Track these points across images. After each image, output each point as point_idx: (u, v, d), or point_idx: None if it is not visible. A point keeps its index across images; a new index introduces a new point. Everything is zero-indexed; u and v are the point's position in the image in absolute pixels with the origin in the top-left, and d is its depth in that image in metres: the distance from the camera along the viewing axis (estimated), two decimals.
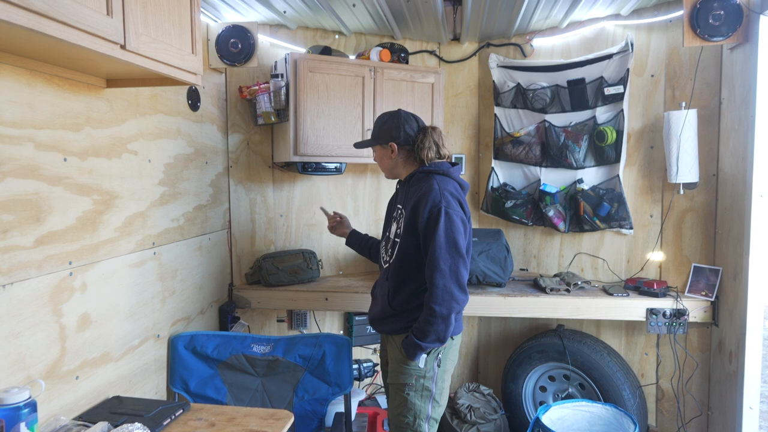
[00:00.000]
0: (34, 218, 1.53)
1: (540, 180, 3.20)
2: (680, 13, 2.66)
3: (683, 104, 2.75)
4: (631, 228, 2.99)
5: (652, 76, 2.94)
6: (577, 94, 3.07)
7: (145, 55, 1.51)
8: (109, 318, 1.89)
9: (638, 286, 2.84)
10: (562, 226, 3.12)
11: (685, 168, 2.72)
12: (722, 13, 2.42)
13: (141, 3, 1.48)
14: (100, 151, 1.83)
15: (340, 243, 2.97)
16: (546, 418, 2.63)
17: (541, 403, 3.15)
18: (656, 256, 2.98)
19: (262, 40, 3.01)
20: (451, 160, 2.16)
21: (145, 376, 2.14)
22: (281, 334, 2.99)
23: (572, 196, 3.07)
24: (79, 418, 1.68)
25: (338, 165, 2.92)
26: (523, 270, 3.42)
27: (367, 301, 2.45)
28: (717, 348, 2.74)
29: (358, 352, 3.38)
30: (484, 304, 2.83)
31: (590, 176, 3.07)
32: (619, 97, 2.92)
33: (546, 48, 3.27)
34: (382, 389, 3.37)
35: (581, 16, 3.01)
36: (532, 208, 3.23)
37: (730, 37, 2.44)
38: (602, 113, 3.00)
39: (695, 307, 2.71)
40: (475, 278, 2.87)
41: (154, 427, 1.65)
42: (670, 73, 2.89)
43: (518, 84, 3.25)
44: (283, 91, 2.77)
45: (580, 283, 2.94)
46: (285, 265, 2.98)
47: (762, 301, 2.40)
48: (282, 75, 2.78)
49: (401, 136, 2.12)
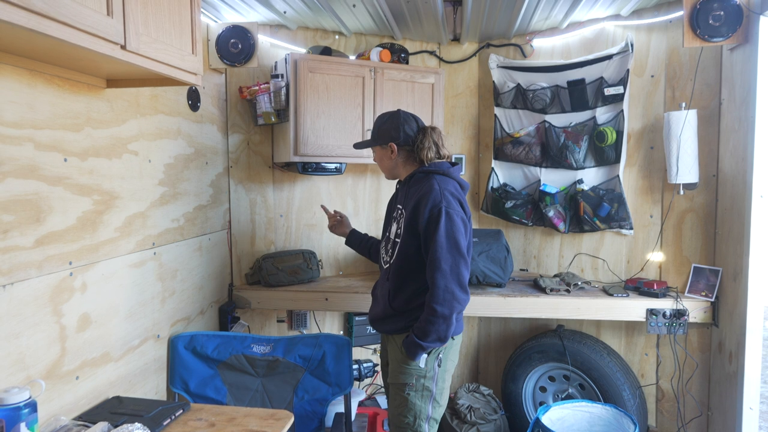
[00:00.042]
0: (34, 218, 1.53)
1: (540, 180, 3.20)
2: (680, 13, 2.66)
3: (683, 105, 2.75)
4: (631, 228, 2.99)
5: (652, 76, 2.94)
6: (577, 95, 3.07)
7: (146, 56, 1.51)
8: (109, 318, 1.89)
9: (638, 287, 2.84)
10: (562, 226, 3.12)
11: (685, 168, 2.72)
12: (722, 13, 2.42)
13: (141, 3, 1.48)
14: (101, 151, 1.83)
15: (340, 243, 2.97)
16: (546, 419, 2.63)
17: (541, 404, 3.15)
18: (656, 257, 2.98)
19: (263, 40, 3.01)
20: (450, 160, 2.16)
21: (145, 376, 2.14)
22: (281, 335, 2.99)
23: (572, 197, 3.07)
24: (79, 418, 1.68)
25: (338, 165, 2.92)
26: (523, 270, 3.42)
27: (367, 302, 2.45)
28: (717, 348, 2.74)
29: (358, 353, 3.38)
30: (484, 305, 2.84)
31: (590, 177, 3.07)
32: (619, 98, 2.93)
33: (546, 48, 3.27)
34: (382, 389, 3.37)
35: (581, 16, 3.01)
36: (532, 208, 3.23)
37: (730, 38, 2.44)
38: (602, 114, 3.00)
39: (695, 308, 2.71)
40: (475, 278, 2.87)
41: (154, 427, 1.65)
42: (670, 74, 2.89)
43: (518, 84, 3.25)
44: (283, 91, 2.77)
45: (580, 283, 2.93)
46: (285, 266, 2.98)
47: (762, 302, 2.40)
48: (282, 75, 2.78)
49: (401, 136, 2.12)
